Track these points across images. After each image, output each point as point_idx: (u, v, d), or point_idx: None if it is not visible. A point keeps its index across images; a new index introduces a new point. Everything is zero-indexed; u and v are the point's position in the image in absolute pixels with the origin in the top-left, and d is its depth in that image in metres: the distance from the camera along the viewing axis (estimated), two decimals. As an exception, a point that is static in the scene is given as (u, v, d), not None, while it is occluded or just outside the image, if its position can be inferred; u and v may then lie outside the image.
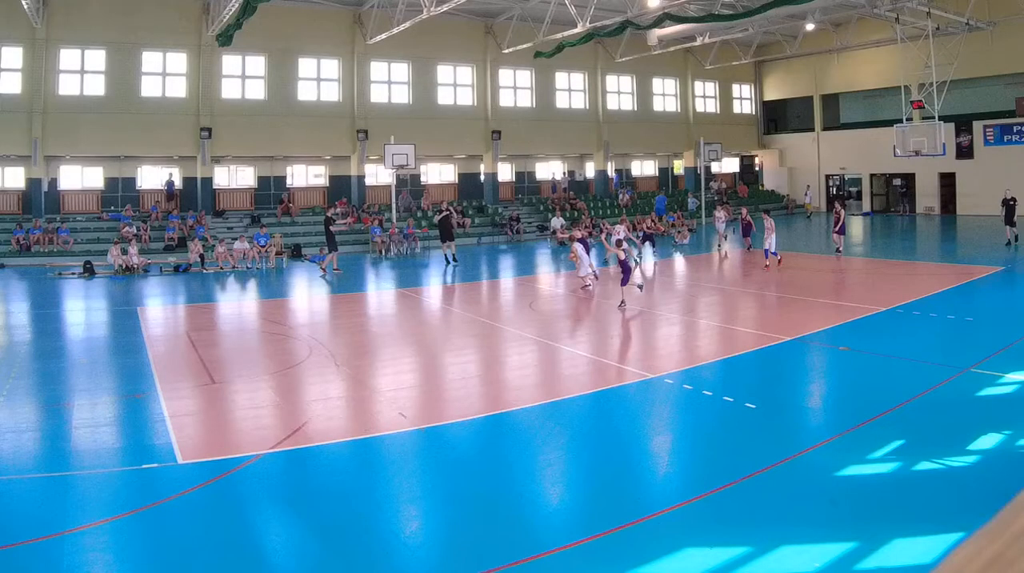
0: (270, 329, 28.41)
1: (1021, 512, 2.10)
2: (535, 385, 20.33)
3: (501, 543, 11.10)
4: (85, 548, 11.23)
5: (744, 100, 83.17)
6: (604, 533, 11.17)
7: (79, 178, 54.78)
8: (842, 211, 43.82)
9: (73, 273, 42.29)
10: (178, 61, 54.08)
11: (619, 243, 30.77)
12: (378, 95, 61.25)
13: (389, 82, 61.89)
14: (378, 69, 61.18)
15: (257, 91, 56.83)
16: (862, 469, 13.55)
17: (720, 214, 49.75)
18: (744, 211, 48.40)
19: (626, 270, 29.21)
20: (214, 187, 56.97)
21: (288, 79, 57.48)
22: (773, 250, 39.20)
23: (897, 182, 73.66)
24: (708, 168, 69.93)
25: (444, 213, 48.42)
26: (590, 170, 72.82)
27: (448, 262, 45.38)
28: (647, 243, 42.75)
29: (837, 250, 43.23)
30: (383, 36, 53.31)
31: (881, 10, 57.26)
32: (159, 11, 52.10)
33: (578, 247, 33.94)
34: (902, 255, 48.33)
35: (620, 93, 73.28)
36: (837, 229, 43.06)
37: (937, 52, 55.09)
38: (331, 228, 44.26)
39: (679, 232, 56.14)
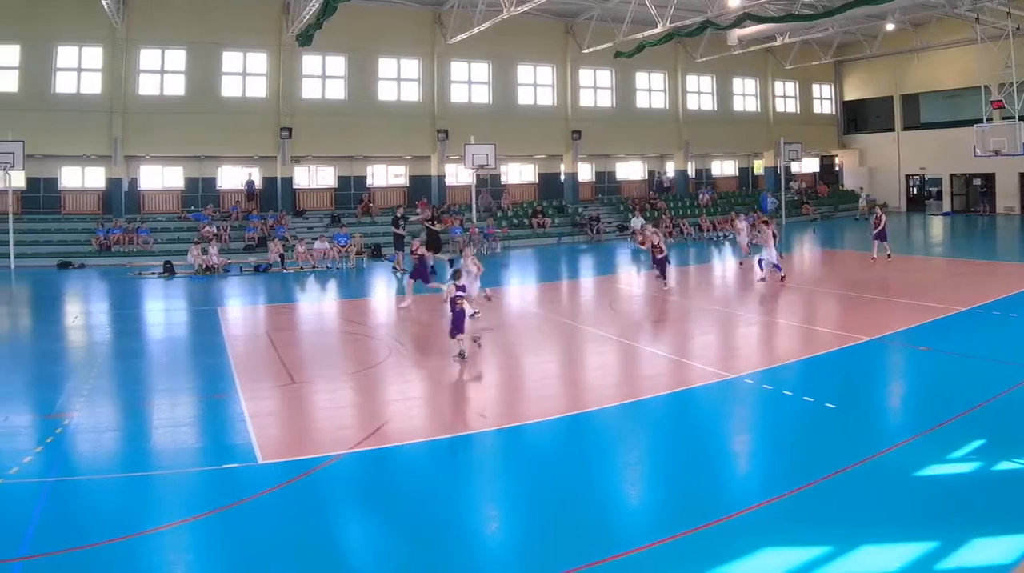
0: (350, 329, 27.89)
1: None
2: (615, 385, 19.98)
3: (581, 543, 10.86)
4: (165, 548, 11.10)
5: (824, 100, 79.85)
6: (684, 533, 10.99)
7: (159, 178, 53.96)
8: (883, 215, 40.73)
9: (153, 273, 41.35)
10: (258, 61, 52.97)
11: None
12: (458, 95, 59.44)
13: (469, 82, 60.01)
14: (458, 69, 59.36)
15: (337, 91, 55.50)
16: (942, 469, 13.36)
17: (741, 225, 43.20)
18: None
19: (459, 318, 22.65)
20: (294, 187, 55.81)
21: (368, 79, 56.09)
22: (775, 263, 34.05)
23: (977, 182, 70.96)
24: (788, 168, 67.80)
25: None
26: (670, 170, 70.58)
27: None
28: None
29: (882, 255, 39.59)
30: (463, 36, 51.85)
31: (961, 10, 54.88)
32: (239, 11, 51.18)
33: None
34: (982, 255, 46.28)
35: (700, 93, 70.69)
36: (876, 233, 39.92)
37: (1017, 52, 53.08)
38: (397, 230, 42.05)
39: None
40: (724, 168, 75.51)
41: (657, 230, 36.44)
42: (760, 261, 34.66)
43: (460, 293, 21.20)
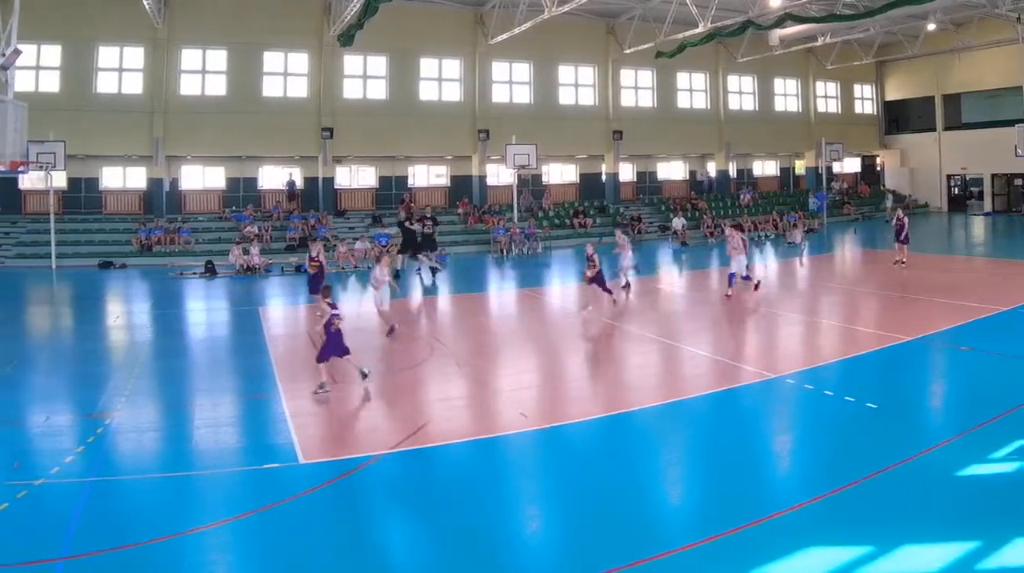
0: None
1: None
2: (656, 385, 19.74)
3: (622, 543, 10.73)
4: (206, 548, 10.99)
5: (865, 100, 78.23)
6: (726, 533, 10.82)
7: (200, 178, 53.46)
8: (905, 218, 38.36)
9: (194, 273, 40.80)
10: (299, 61, 52.37)
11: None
12: (499, 95, 58.46)
13: (510, 82, 58.99)
14: (499, 69, 58.34)
15: (378, 91, 54.77)
16: (984, 469, 13.14)
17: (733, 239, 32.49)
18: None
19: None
20: (336, 187, 54.92)
21: (409, 79, 55.32)
22: (745, 274, 30.87)
23: (1019, 182, 69.74)
24: (829, 168, 66.47)
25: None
26: (712, 170, 69.18)
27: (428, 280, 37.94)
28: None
29: (898, 261, 37.39)
30: (504, 36, 51.04)
31: (1002, 10, 53.48)
32: (280, 11, 50.42)
33: None
34: None
35: (742, 93, 69.34)
36: (902, 238, 37.55)
37: (1058, 53, 51.24)
38: (404, 227, 39.72)
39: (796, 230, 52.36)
40: (765, 168, 73.93)
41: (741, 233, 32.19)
42: (731, 275, 31.04)
43: (335, 312, 18.82)
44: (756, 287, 30.98)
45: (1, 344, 24.51)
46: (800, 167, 74.63)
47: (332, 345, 18.63)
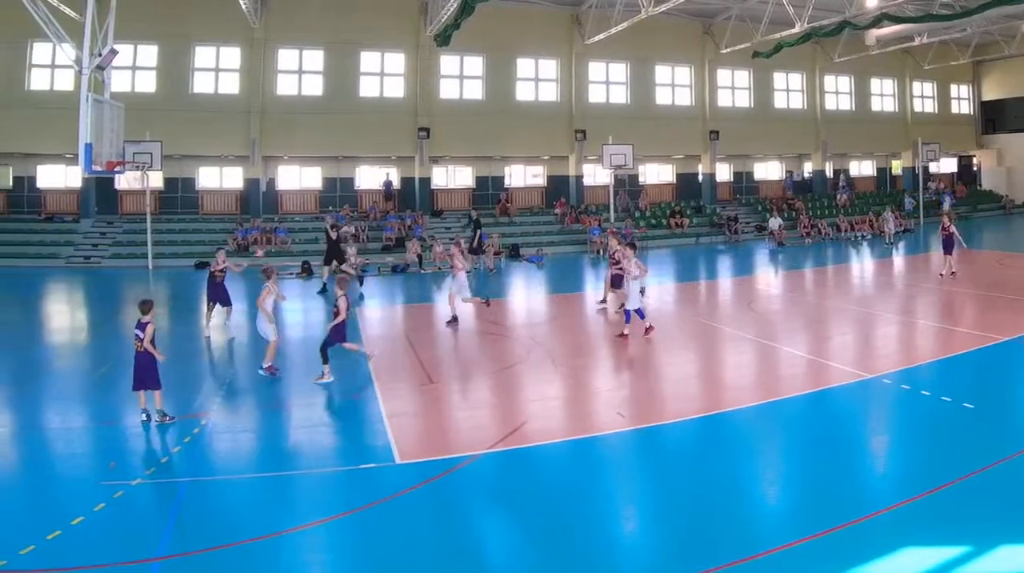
0: (488, 329, 26.46)
1: None
2: (753, 385, 19.25)
3: (719, 543, 10.42)
4: (303, 548, 10.82)
5: (962, 100, 73.87)
6: (823, 533, 10.52)
7: (297, 178, 52.28)
8: (951, 226, 33.76)
9: (291, 273, 39.22)
10: (396, 61, 50.60)
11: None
12: (596, 95, 55.90)
13: (607, 82, 56.31)
14: (596, 69, 55.76)
15: (475, 91, 52.81)
16: None
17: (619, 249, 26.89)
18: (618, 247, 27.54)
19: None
20: (432, 187, 53.23)
21: (506, 79, 53.28)
22: (638, 307, 23.41)
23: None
24: (926, 168, 62.86)
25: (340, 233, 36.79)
26: (808, 170, 66.13)
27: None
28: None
29: (948, 273, 33.09)
30: (601, 36, 49.02)
31: (1101, 8, 50.03)
32: (377, 12, 48.83)
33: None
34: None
35: (838, 93, 65.55)
36: (945, 245, 33.52)
37: None
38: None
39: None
40: (862, 168, 71.19)
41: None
42: (626, 311, 23.88)
43: (138, 332, 15.86)
44: (648, 331, 23.49)
45: (98, 345, 24.46)
46: (897, 167, 71.64)
47: (143, 370, 15.93)
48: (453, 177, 55.88)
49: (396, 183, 52.91)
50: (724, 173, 63.46)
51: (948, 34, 59.50)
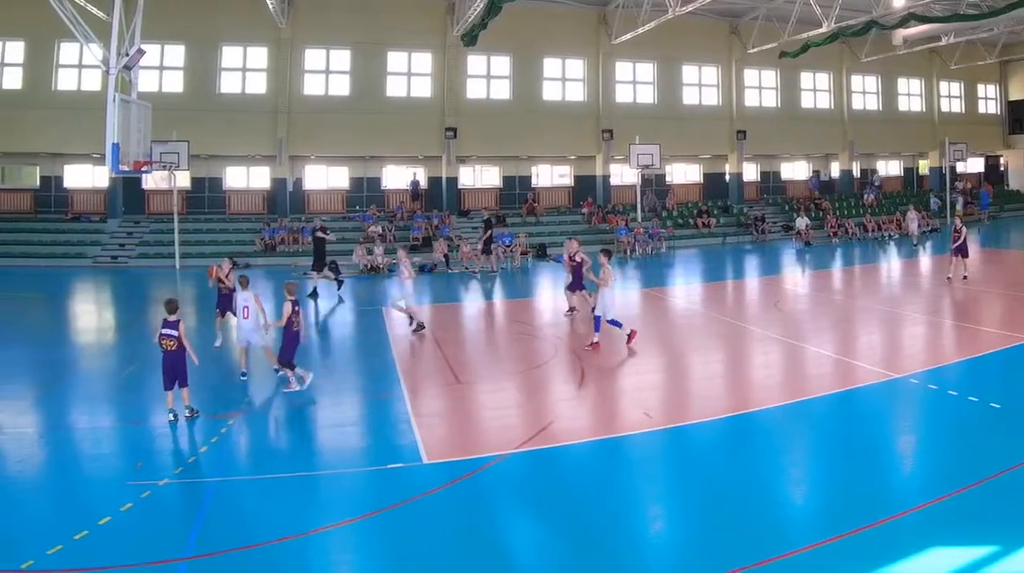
0: (515, 329, 26.88)
1: None
2: (779, 385, 19.20)
3: (746, 542, 10.33)
4: (331, 548, 10.80)
5: (989, 100, 72.41)
6: (850, 533, 10.42)
7: (324, 178, 52.07)
8: (963, 227, 32.26)
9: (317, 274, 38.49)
10: (423, 61, 50.32)
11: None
12: (623, 95, 55.43)
13: (634, 82, 55.80)
14: (623, 69, 55.28)
15: (502, 91, 52.46)
16: None
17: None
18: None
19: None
20: (459, 187, 52.96)
21: (533, 79, 52.92)
22: (612, 318, 22.16)
23: None
24: (953, 168, 62.09)
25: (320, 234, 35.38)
26: (835, 170, 65.64)
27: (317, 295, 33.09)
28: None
29: (959, 277, 31.73)
30: (628, 36, 48.68)
31: None
32: (404, 12, 48.69)
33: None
34: None
35: (865, 93, 64.68)
36: (956, 247, 31.68)
37: None
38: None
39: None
40: (889, 168, 70.46)
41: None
42: (596, 318, 22.51)
43: (170, 331, 15.77)
44: (631, 338, 22.15)
45: (125, 345, 24.28)
46: (924, 167, 70.86)
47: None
48: (480, 177, 55.62)
49: (423, 183, 52.69)
50: (751, 173, 63.00)
51: (975, 34, 58.83)
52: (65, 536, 10.52)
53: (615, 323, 22.15)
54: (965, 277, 31.83)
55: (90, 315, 32.16)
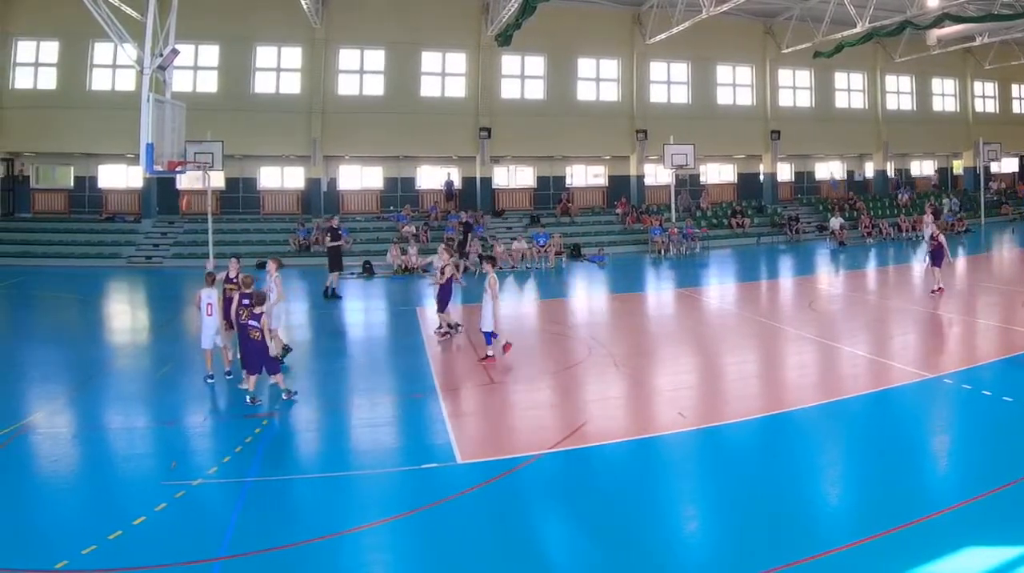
0: (549, 329, 26.61)
1: None
2: (813, 385, 18.99)
3: (780, 542, 10.32)
4: (365, 548, 10.78)
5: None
6: (885, 532, 10.37)
7: (358, 178, 51.41)
8: (940, 234, 29.67)
9: (352, 273, 38.77)
10: (457, 61, 49.62)
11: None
12: (657, 95, 54.44)
13: (668, 82, 54.75)
14: (657, 69, 54.29)
15: (536, 91, 51.63)
16: None
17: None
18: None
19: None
20: (493, 187, 52.04)
21: (567, 79, 52.04)
22: (489, 329, 20.74)
23: None
24: (987, 168, 60.95)
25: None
26: (869, 170, 64.55)
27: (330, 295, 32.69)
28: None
29: (934, 289, 29.08)
30: (662, 36, 47.84)
31: None
32: (438, 12, 48.13)
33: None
34: None
35: (899, 93, 63.28)
36: (933, 256, 29.45)
37: None
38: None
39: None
40: (923, 168, 69.20)
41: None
42: (488, 334, 20.98)
43: (252, 322, 16.44)
44: (506, 349, 20.96)
45: (159, 346, 24.16)
46: (958, 167, 69.43)
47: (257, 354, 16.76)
48: (514, 177, 54.78)
49: (457, 183, 51.79)
50: (785, 173, 61.70)
51: (1009, 34, 57.11)
52: (100, 536, 10.49)
53: (491, 335, 20.66)
54: (938, 289, 29.12)
55: (124, 315, 31.86)
